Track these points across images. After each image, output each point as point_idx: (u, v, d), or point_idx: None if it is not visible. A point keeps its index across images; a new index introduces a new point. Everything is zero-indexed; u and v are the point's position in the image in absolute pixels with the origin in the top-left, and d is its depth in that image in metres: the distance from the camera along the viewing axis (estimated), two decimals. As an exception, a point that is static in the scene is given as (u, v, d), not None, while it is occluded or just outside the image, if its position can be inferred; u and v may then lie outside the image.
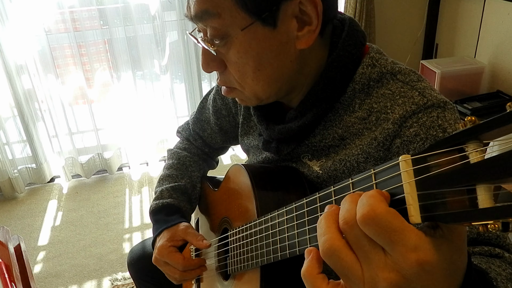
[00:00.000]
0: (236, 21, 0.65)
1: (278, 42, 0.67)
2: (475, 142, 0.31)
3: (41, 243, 2.25)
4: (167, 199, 1.00)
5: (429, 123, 0.65)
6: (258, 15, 0.64)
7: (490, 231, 0.30)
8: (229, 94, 0.77)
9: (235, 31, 0.65)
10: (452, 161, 0.33)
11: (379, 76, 0.71)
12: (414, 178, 0.35)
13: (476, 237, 0.64)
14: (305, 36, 0.67)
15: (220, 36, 0.66)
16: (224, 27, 0.65)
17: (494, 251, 0.63)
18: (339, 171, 0.74)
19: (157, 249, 0.92)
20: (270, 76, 0.70)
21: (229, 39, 0.66)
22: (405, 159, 0.36)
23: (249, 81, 0.70)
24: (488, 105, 2.22)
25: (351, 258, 0.38)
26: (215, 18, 0.65)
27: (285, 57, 0.69)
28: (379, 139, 0.68)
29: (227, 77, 0.73)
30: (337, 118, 0.74)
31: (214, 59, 0.71)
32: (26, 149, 2.68)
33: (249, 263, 0.73)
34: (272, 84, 0.71)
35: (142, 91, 2.72)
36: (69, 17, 2.40)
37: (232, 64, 0.70)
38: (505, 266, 0.61)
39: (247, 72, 0.69)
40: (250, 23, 0.64)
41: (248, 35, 0.65)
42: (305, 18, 0.66)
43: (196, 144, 1.12)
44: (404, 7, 2.77)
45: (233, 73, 0.71)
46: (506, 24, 2.26)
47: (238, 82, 0.72)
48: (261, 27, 0.65)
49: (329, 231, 0.39)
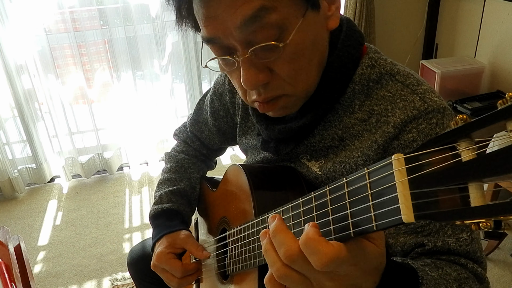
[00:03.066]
0: (291, 11, 0.60)
1: (321, 26, 0.65)
2: (467, 140, 0.31)
3: (41, 243, 2.25)
4: (166, 203, 0.99)
5: (428, 130, 0.66)
6: (307, 0, 0.62)
7: (482, 229, 0.29)
8: (273, 107, 0.69)
9: (294, 22, 0.61)
10: (444, 160, 0.33)
11: (378, 77, 0.71)
12: (406, 176, 0.35)
13: (446, 251, 0.66)
14: (334, 14, 0.66)
15: (276, 34, 0.60)
16: (282, 20, 0.59)
17: (459, 260, 0.65)
18: (338, 173, 0.74)
19: (155, 256, 0.92)
20: (318, 64, 0.68)
21: (286, 33, 0.61)
22: (397, 158, 0.36)
23: (303, 77, 0.66)
24: (488, 105, 2.22)
25: (300, 277, 0.47)
26: (272, 12, 0.58)
27: (325, 40, 0.68)
28: (379, 142, 0.68)
29: (275, 85, 0.66)
30: (337, 119, 0.73)
31: (261, 69, 0.63)
32: (26, 149, 2.68)
33: (247, 263, 0.73)
34: (320, 72, 0.69)
35: (142, 91, 2.72)
36: (69, 17, 2.41)
37: (286, 64, 0.63)
38: (462, 271, 0.63)
39: (302, 66, 0.65)
40: (305, 10, 0.62)
41: (304, 24, 0.62)
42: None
43: (194, 146, 1.12)
44: (404, 7, 2.77)
45: (285, 74, 0.65)
46: (506, 24, 2.25)
47: (290, 84, 0.66)
48: (311, 12, 0.62)
49: (276, 261, 0.47)
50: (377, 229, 0.39)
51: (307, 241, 0.43)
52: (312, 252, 0.43)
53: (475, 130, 0.30)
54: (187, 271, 0.91)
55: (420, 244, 0.66)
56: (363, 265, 0.46)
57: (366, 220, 0.40)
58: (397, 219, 0.36)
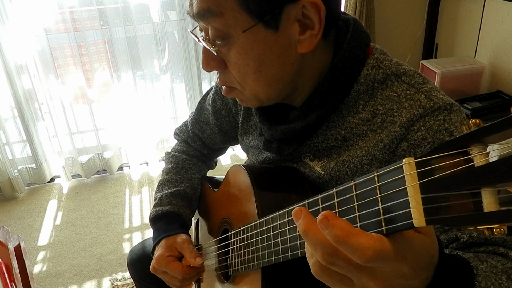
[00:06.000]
0: (238, 22, 0.64)
1: (279, 45, 0.66)
2: (479, 145, 0.31)
3: (41, 243, 2.25)
4: (166, 206, 0.99)
5: (436, 127, 0.65)
6: (260, 18, 0.63)
7: (496, 235, 0.29)
8: (229, 94, 0.76)
9: (237, 32, 0.65)
10: (456, 164, 0.33)
11: (384, 78, 0.71)
12: (418, 181, 0.35)
13: (483, 242, 0.64)
14: (306, 40, 0.66)
15: (222, 36, 0.66)
16: (226, 27, 0.65)
17: (498, 250, 0.63)
18: (342, 172, 0.73)
19: (155, 259, 0.92)
20: (270, 78, 0.70)
21: (230, 39, 0.66)
22: (408, 162, 0.36)
23: (250, 82, 0.70)
24: (488, 105, 2.22)
25: (339, 276, 0.42)
26: (217, 17, 0.64)
27: (286, 59, 0.68)
28: (385, 141, 0.68)
29: (227, 76, 0.73)
30: (341, 119, 0.73)
31: (214, 58, 0.70)
32: (26, 149, 2.67)
33: (250, 264, 0.73)
34: (273, 86, 0.71)
35: (142, 91, 2.72)
36: (69, 17, 2.40)
37: (233, 65, 0.69)
38: (504, 261, 0.61)
39: (248, 73, 0.69)
40: (252, 25, 0.64)
41: (249, 37, 0.65)
42: (308, 22, 0.65)
43: (195, 146, 1.11)
44: (404, 7, 2.77)
45: (234, 73, 0.71)
46: (506, 24, 2.25)
47: (239, 83, 0.72)
48: (263, 29, 0.65)
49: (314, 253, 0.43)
50: (386, 233, 0.39)
51: (345, 235, 0.38)
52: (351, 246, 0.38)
53: (488, 135, 0.30)
54: (187, 273, 0.91)
55: (454, 239, 0.64)
56: (411, 259, 0.40)
57: (375, 223, 0.40)
58: (408, 223, 0.36)
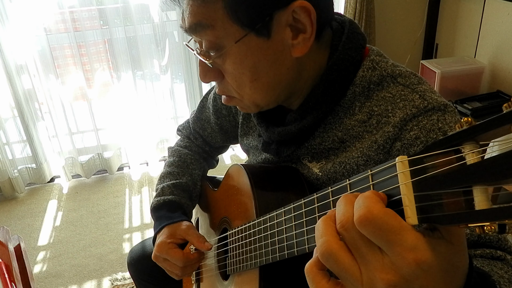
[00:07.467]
0: (229, 33, 0.64)
1: (273, 52, 0.67)
2: (472, 143, 0.31)
3: (41, 243, 2.25)
4: (168, 195, 1.00)
5: (429, 126, 0.65)
6: (251, 27, 0.64)
7: (487, 233, 0.29)
8: (229, 103, 0.77)
9: (229, 43, 0.65)
10: (449, 162, 0.33)
11: (380, 79, 0.71)
12: (410, 179, 0.35)
13: (477, 239, 0.64)
14: (300, 44, 0.66)
15: (215, 48, 0.67)
16: (218, 39, 0.65)
17: (496, 254, 0.63)
18: (339, 174, 0.74)
19: (156, 246, 0.92)
20: (267, 85, 0.70)
21: (223, 51, 0.66)
22: (401, 160, 0.36)
23: (247, 90, 0.71)
24: (488, 105, 2.22)
25: (348, 260, 0.38)
26: (208, 30, 0.65)
27: (281, 65, 0.69)
28: (379, 142, 0.68)
29: (225, 86, 0.73)
30: (337, 121, 0.73)
31: (211, 69, 0.71)
32: (26, 149, 2.68)
33: (248, 263, 0.73)
34: (270, 92, 0.72)
35: (142, 91, 2.72)
36: (69, 17, 2.41)
37: (229, 75, 0.70)
38: (507, 268, 0.61)
39: (244, 82, 0.69)
40: (243, 35, 0.64)
41: (242, 47, 0.65)
42: (299, 26, 0.65)
43: (197, 143, 1.13)
44: (404, 7, 2.77)
45: (231, 83, 0.71)
46: (506, 24, 2.25)
47: (236, 92, 0.72)
48: (255, 38, 0.65)
49: (326, 233, 0.39)
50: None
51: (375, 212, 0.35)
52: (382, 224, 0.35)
53: (480, 133, 0.30)
54: (188, 260, 0.91)
55: None
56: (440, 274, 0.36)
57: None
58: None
